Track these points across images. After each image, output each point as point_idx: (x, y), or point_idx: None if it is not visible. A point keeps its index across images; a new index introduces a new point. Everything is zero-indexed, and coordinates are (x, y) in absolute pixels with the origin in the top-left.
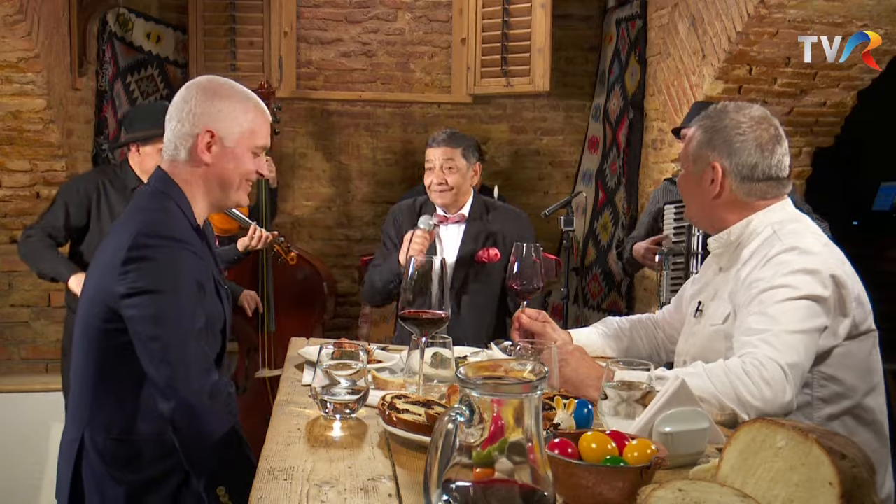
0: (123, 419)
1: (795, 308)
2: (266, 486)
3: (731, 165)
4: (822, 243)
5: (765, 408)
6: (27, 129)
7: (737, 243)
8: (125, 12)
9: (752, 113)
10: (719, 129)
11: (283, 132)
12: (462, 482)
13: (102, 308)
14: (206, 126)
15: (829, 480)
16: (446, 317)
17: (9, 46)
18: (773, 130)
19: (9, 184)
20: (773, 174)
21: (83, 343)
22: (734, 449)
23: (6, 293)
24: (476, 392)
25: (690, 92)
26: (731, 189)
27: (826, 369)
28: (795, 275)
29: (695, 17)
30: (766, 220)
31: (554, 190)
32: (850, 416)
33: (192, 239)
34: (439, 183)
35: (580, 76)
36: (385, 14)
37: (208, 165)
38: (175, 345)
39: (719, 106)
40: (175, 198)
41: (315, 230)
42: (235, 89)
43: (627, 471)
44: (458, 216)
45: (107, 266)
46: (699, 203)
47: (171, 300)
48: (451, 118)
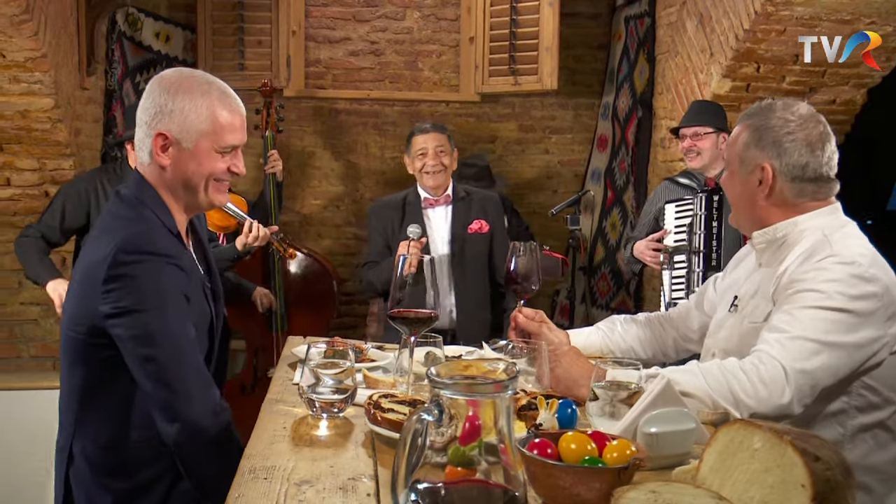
0: (111, 428)
1: (821, 318)
2: (245, 484)
3: (782, 166)
4: (871, 254)
5: (758, 407)
6: (35, 128)
7: (782, 241)
8: (134, 12)
9: (800, 111)
10: (768, 129)
11: (291, 131)
12: (431, 482)
13: (86, 324)
14: (159, 129)
15: (802, 482)
16: (435, 315)
17: (16, 46)
18: (821, 128)
19: (17, 182)
20: (824, 173)
21: (69, 355)
22: (713, 450)
23: (16, 291)
24: (446, 392)
25: (698, 90)
26: (781, 190)
27: (868, 379)
28: (833, 283)
29: (702, 14)
30: (816, 223)
31: (563, 189)
32: (882, 428)
33: (172, 249)
34: (435, 164)
35: (589, 74)
36: (393, 13)
37: (165, 168)
38: (171, 364)
39: (764, 104)
40: (150, 205)
41: (323, 229)
42: (196, 84)
43: (605, 471)
44: (444, 197)
45: (87, 280)
46: (747, 204)
47: (157, 317)
48: (459, 117)
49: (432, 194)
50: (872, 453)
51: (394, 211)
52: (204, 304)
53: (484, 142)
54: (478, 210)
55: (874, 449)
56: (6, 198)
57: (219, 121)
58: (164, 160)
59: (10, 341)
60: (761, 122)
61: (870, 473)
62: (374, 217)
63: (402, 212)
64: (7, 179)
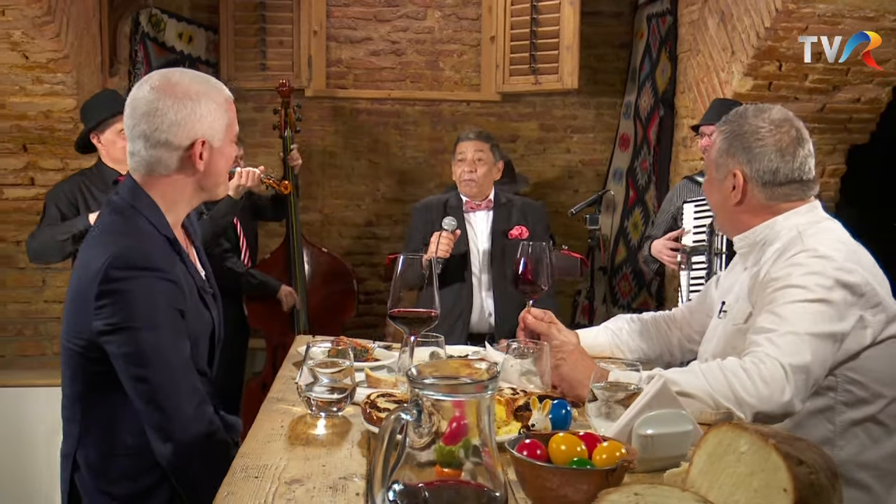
0: (113, 436)
1: (807, 310)
2: (236, 483)
3: (752, 172)
4: (845, 248)
5: (760, 406)
6: (58, 128)
7: (762, 242)
8: (158, 13)
9: (771, 116)
10: (738, 136)
11: (312, 131)
12: (409, 482)
13: (82, 338)
14: (194, 136)
15: (785, 486)
16: (436, 315)
17: (38, 47)
18: (794, 133)
19: (41, 182)
20: (796, 177)
21: (69, 366)
22: (703, 452)
23: (40, 289)
24: (425, 392)
25: (720, 89)
26: (753, 195)
27: (850, 373)
28: (811, 276)
29: (724, 12)
30: (791, 222)
31: (584, 188)
32: (874, 423)
33: (166, 263)
34: (469, 171)
35: (611, 73)
36: (414, 12)
37: (198, 171)
38: (163, 385)
39: (739, 110)
40: (145, 212)
41: (344, 228)
42: (203, 84)
43: (592, 473)
44: (486, 202)
45: (80, 293)
46: (723, 209)
47: (149, 336)
48: (480, 116)
49: (472, 199)
50: (867, 450)
51: (436, 212)
52: (203, 311)
53: (505, 141)
54: (519, 216)
55: (868, 445)
56: (30, 197)
57: (230, 112)
58: (201, 164)
59: (34, 338)
60: (733, 129)
61: (866, 470)
62: (418, 215)
63: (444, 213)
64: (31, 179)
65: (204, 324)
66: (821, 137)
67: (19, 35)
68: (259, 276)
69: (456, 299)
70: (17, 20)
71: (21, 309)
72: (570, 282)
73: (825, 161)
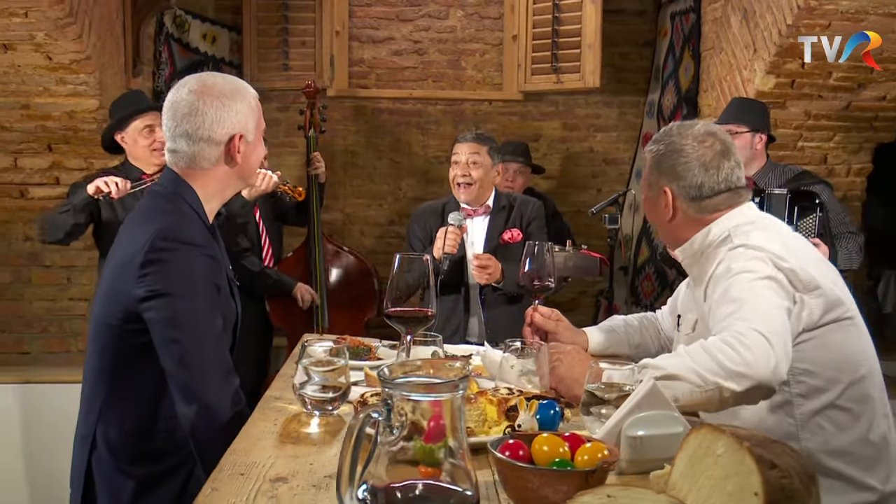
0: (137, 416)
1: (761, 286)
2: (221, 479)
3: (679, 188)
4: (779, 238)
5: (748, 372)
6: (82, 128)
7: (701, 251)
8: (182, 14)
9: (694, 132)
10: (664, 155)
11: (335, 130)
12: (379, 481)
13: (120, 309)
14: (233, 131)
15: (755, 490)
16: (432, 314)
17: (61, 49)
18: (717, 147)
19: (66, 181)
20: (723, 188)
21: (99, 340)
22: (684, 455)
23: (65, 287)
24: (394, 391)
25: (742, 87)
26: (683, 210)
27: (799, 364)
28: (752, 261)
29: (746, 9)
30: (723, 227)
31: (607, 188)
32: (836, 409)
33: (207, 242)
34: (463, 175)
35: (634, 72)
36: (436, 12)
37: (239, 164)
38: (194, 348)
39: (666, 129)
40: (188, 199)
41: (366, 227)
42: (235, 85)
43: (572, 474)
44: (484, 208)
45: (124, 267)
46: (660, 225)
47: (187, 303)
48: (502, 115)
49: (468, 205)
50: (834, 437)
51: (433, 217)
52: (230, 300)
53: (528, 140)
54: (515, 218)
55: (835, 433)
56: (55, 196)
57: (258, 110)
58: (239, 158)
59: (59, 336)
60: (659, 148)
61: (838, 458)
62: (416, 223)
63: (442, 219)
64: (56, 178)
65: (230, 310)
66: (846, 136)
67: (42, 36)
68: (274, 275)
69: (454, 308)
70: (39, 22)
71: (47, 306)
72: (590, 282)
73: (851, 160)
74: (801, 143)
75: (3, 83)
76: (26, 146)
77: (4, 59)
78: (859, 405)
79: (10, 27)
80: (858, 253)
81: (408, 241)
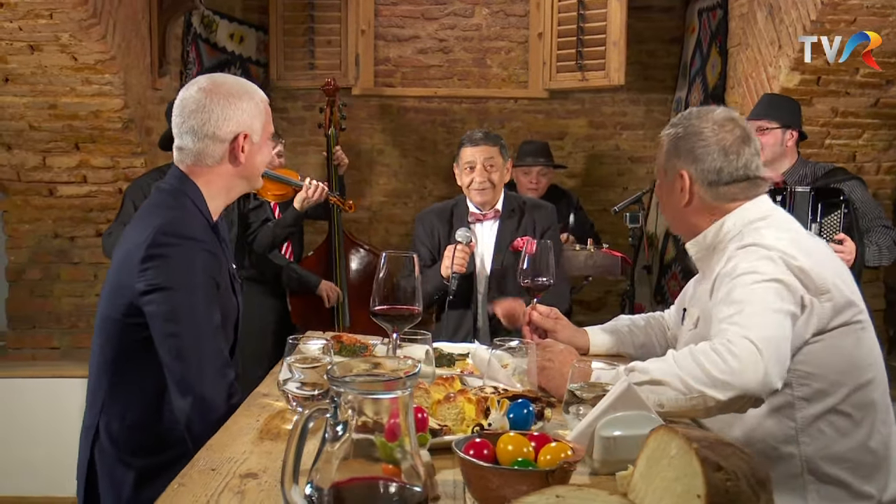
0: (139, 409)
1: (763, 289)
2: (191, 475)
3: (697, 172)
4: (788, 237)
5: (733, 381)
6: (108, 127)
7: (713, 246)
8: (210, 14)
9: (714, 117)
10: (682, 137)
11: (360, 129)
12: (325, 479)
13: (123, 302)
14: (238, 130)
15: (698, 493)
16: (418, 312)
17: (85, 49)
18: (738, 132)
19: (93, 180)
20: (741, 175)
21: (103, 334)
22: (644, 456)
23: (92, 284)
24: (341, 389)
25: (767, 84)
26: (699, 195)
27: (803, 367)
28: (760, 261)
29: (772, 5)
30: (738, 221)
31: (633, 186)
32: (838, 414)
33: (207, 237)
34: (482, 182)
35: (661, 69)
36: (462, 10)
37: (243, 164)
38: (191, 342)
39: (683, 113)
40: (192, 196)
41: (391, 226)
42: (244, 86)
43: (532, 474)
44: (493, 212)
45: (126, 261)
46: (673, 212)
47: (186, 297)
48: (527, 113)
49: (479, 209)
50: (835, 443)
51: (440, 221)
52: (231, 295)
53: (553, 138)
54: (526, 225)
55: (836, 438)
56: (83, 194)
57: (266, 112)
58: (242, 157)
59: (88, 331)
60: (678, 132)
61: (838, 464)
62: (421, 226)
63: (450, 223)
64: (83, 177)
65: (231, 307)
66: (875, 133)
67: (67, 37)
68: (300, 271)
69: (462, 318)
70: (64, 23)
71: (75, 302)
72: (613, 281)
73: (880, 158)
74: (828, 140)
75: (31, 83)
76: (54, 145)
77: (32, 59)
78: (861, 411)
79: (37, 28)
80: (891, 248)
81: (413, 245)
